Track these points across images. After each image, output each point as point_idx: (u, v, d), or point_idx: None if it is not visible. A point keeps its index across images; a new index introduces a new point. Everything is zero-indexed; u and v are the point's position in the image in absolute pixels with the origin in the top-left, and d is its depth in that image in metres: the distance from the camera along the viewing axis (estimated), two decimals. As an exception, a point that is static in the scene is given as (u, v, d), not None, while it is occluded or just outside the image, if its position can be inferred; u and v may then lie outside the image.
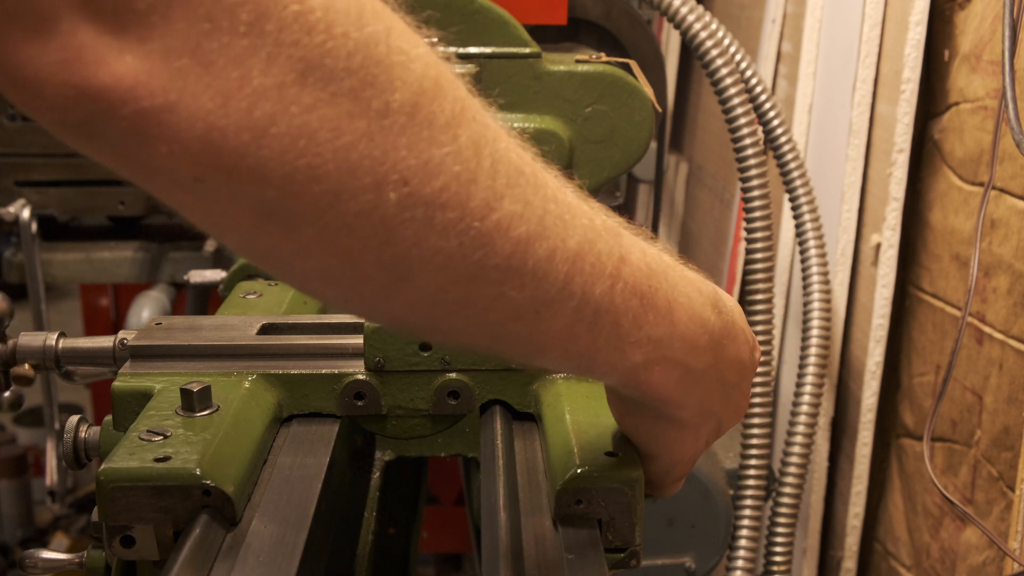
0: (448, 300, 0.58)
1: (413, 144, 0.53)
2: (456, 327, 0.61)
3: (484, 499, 0.82)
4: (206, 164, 0.49)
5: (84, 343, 1.00)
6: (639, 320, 0.64)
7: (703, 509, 1.38)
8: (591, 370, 0.66)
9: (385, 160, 0.52)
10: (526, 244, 0.58)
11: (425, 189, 0.53)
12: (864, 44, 1.61)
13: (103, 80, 0.46)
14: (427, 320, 0.60)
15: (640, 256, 0.65)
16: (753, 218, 1.45)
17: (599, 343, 0.63)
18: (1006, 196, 1.34)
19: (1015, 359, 1.31)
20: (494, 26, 1.23)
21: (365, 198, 0.52)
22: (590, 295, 0.61)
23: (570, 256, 0.60)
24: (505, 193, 0.57)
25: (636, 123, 1.27)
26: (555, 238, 0.59)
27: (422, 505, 1.57)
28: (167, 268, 2.07)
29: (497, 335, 0.62)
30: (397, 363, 0.92)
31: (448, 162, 0.54)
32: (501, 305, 0.59)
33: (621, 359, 0.65)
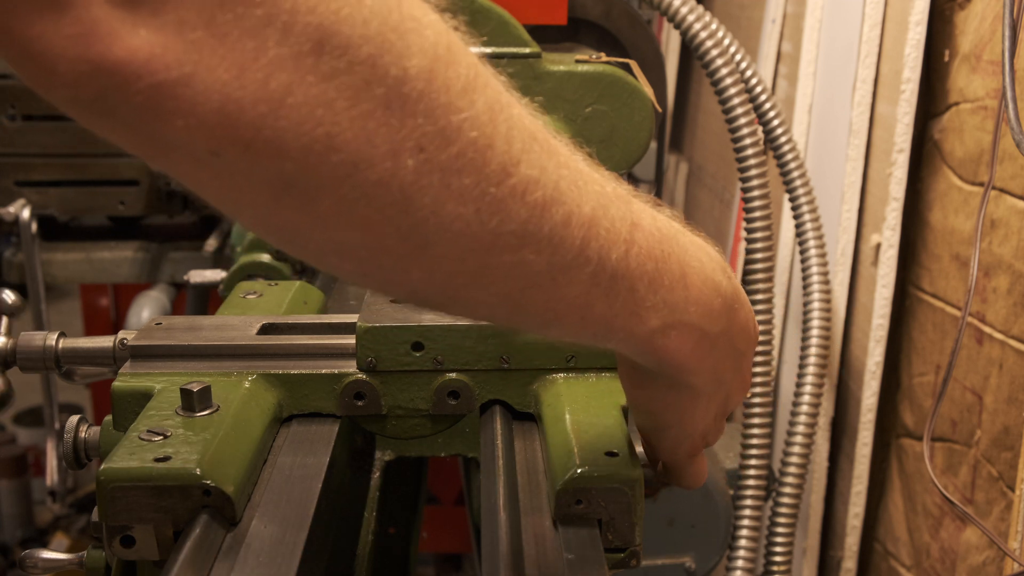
0: (466, 270, 0.58)
1: (430, 110, 0.53)
2: (474, 298, 0.61)
3: (484, 499, 0.82)
4: (223, 137, 0.49)
5: (84, 343, 1.00)
6: (654, 285, 0.64)
7: (703, 509, 1.38)
8: (608, 337, 0.66)
9: (403, 127, 0.52)
10: (542, 209, 0.57)
11: (442, 155, 0.53)
12: (864, 44, 1.61)
13: (117, 54, 0.46)
14: (445, 291, 0.60)
15: (651, 221, 0.65)
16: (753, 218, 1.45)
17: (616, 309, 0.63)
18: (1006, 196, 1.34)
19: (1015, 359, 1.31)
20: (494, 26, 1.23)
21: (383, 166, 0.52)
22: (606, 260, 0.61)
23: (585, 221, 0.60)
24: (521, 158, 0.57)
25: (636, 123, 1.27)
26: (571, 203, 0.59)
27: (422, 505, 1.57)
28: (167, 268, 2.08)
29: (515, 304, 0.61)
30: (389, 363, 0.92)
31: (465, 127, 0.54)
32: (518, 272, 0.59)
33: (638, 324, 0.65)
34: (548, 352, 0.92)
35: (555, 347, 0.92)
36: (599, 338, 0.66)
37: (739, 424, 1.54)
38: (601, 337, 0.66)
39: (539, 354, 0.92)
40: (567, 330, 0.65)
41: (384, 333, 0.92)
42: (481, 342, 0.91)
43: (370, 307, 0.95)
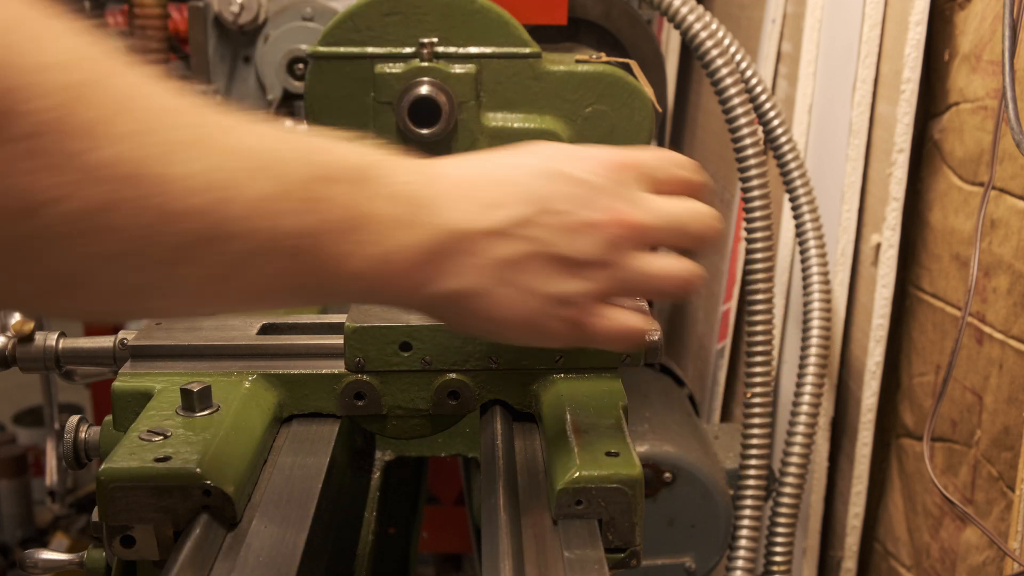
0: (133, 288, 0.59)
1: (54, 166, 0.52)
2: (162, 308, 0.64)
3: (484, 499, 0.82)
4: None
5: (84, 343, 1.00)
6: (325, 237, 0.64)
7: (703, 509, 1.38)
8: (321, 296, 0.69)
9: (30, 185, 0.51)
10: (199, 221, 0.58)
11: (72, 205, 0.53)
12: (864, 44, 1.61)
13: None
14: (118, 311, 0.63)
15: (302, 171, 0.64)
16: (753, 218, 1.45)
17: (302, 277, 0.64)
18: (1006, 196, 1.34)
19: (1015, 359, 1.31)
20: (494, 26, 1.23)
21: (14, 224, 0.52)
22: (283, 232, 0.61)
23: (250, 211, 0.60)
24: (176, 173, 0.57)
25: (636, 123, 1.27)
26: (230, 198, 0.60)
27: (422, 505, 1.57)
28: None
29: (210, 302, 0.63)
30: (377, 363, 0.92)
31: (97, 176, 0.53)
32: (193, 283, 0.60)
33: (341, 277, 0.66)
34: (537, 352, 0.92)
35: (541, 347, 0.92)
36: (315, 299, 0.69)
37: (739, 424, 1.54)
38: (316, 297, 0.69)
39: (527, 354, 0.92)
40: (280, 302, 0.67)
41: (372, 333, 0.91)
42: (469, 342, 0.91)
43: (358, 307, 0.95)
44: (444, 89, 1.20)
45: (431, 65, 1.20)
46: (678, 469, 1.36)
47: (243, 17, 1.89)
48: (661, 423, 1.42)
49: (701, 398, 2.12)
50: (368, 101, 1.24)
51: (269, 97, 1.95)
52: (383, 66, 1.21)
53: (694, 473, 1.37)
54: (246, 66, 1.97)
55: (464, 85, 1.21)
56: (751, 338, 1.47)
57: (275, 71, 1.91)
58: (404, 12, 1.23)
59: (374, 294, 0.72)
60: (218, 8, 1.88)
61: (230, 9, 1.87)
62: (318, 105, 1.25)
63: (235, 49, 1.97)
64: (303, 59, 1.89)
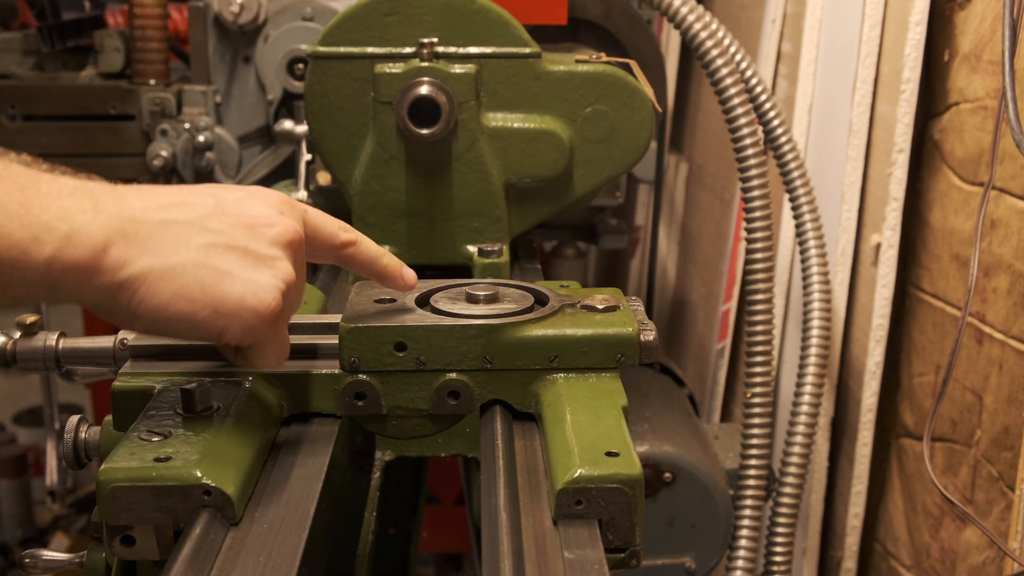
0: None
1: None
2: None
3: (484, 499, 0.82)
4: None
5: (84, 343, 1.00)
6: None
7: (703, 509, 1.38)
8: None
9: None
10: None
11: None
12: (864, 44, 1.61)
13: None
14: None
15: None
16: (753, 218, 1.45)
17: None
18: (1006, 196, 1.34)
19: (1015, 359, 1.31)
20: (494, 26, 1.23)
21: None
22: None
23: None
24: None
25: (636, 123, 1.27)
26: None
27: (422, 505, 1.57)
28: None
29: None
30: (372, 363, 0.92)
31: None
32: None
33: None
34: (530, 352, 0.92)
35: (537, 347, 0.92)
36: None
37: (739, 424, 1.54)
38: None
39: (521, 354, 0.92)
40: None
41: (367, 334, 0.92)
42: (464, 342, 0.91)
43: (353, 307, 0.95)
44: (444, 89, 1.20)
45: (431, 65, 1.20)
46: (678, 469, 1.36)
47: (243, 17, 1.89)
48: (661, 423, 1.42)
49: (701, 398, 2.12)
50: (368, 101, 1.24)
51: (269, 97, 1.95)
52: (383, 66, 1.21)
53: (694, 473, 1.37)
54: (246, 66, 1.97)
55: (464, 85, 1.21)
56: (751, 338, 1.47)
57: (275, 71, 1.91)
58: (404, 12, 1.23)
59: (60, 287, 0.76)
60: (218, 8, 1.88)
61: (230, 9, 1.87)
62: (318, 105, 1.25)
63: (235, 49, 1.97)
64: (303, 59, 1.89)
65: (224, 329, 0.80)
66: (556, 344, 0.92)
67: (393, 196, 1.24)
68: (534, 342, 0.92)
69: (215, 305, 0.79)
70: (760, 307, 1.46)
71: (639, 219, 2.61)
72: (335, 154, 1.27)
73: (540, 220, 1.31)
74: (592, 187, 1.30)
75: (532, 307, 0.97)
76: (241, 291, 0.79)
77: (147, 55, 1.95)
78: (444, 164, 1.23)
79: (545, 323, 0.93)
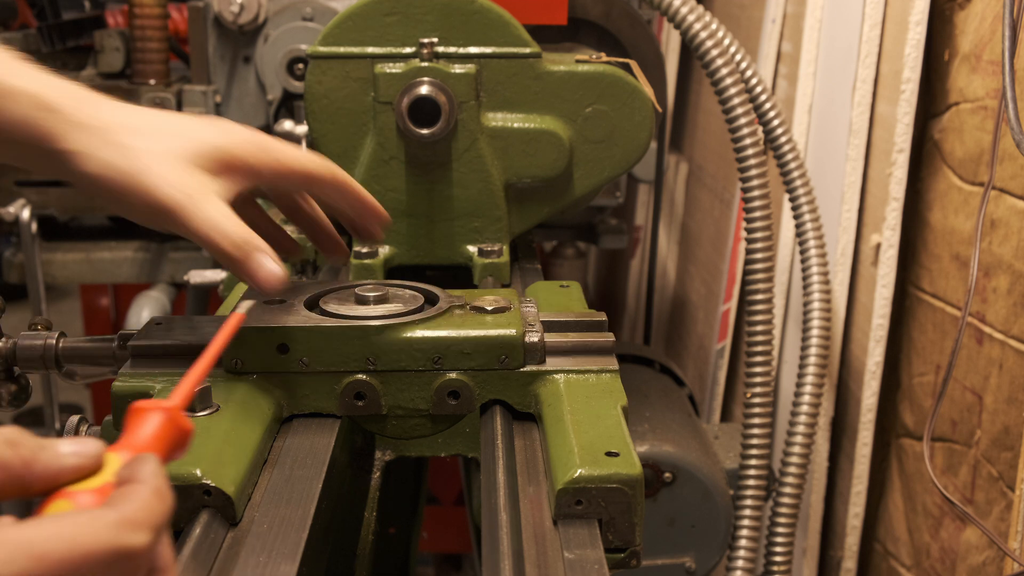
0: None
1: None
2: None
3: (484, 499, 0.82)
4: None
5: (84, 343, 1.00)
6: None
7: (703, 509, 1.38)
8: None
9: None
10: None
11: None
12: (864, 44, 1.61)
13: None
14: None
15: None
16: (753, 218, 1.45)
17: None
18: (1006, 196, 1.34)
19: (1015, 359, 1.31)
20: (494, 26, 1.23)
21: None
22: None
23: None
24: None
25: (636, 123, 1.27)
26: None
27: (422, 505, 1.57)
28: (167, 268, 2.08)
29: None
30: (253, 364, 0.92)
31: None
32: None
33: None
34: (413, 354, 0.92)
35: (419, 349, 0.92)
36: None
37: (739, 424, 1.54)
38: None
39: (404, 356, 0.92)
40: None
41: (249, 335, 0.91)
42: (345, 344, 0.91)
43: (238, 310, 0.95)
44: (444, 89, 1.20)
45: (431, 65, 1.20)
46: (678, 469, 1.36)
47: (243, 17, 1.89)
48: (661, 423, 1.42)
49: (701, 398, 2.12)
50: (368, 101, 1.24)
51: (269, 97, 1.95)
52: (383, 66, 1.21)
53: (694, 473, 1.37)
54: (246, 66, 1.97)
55: (464, 85, 1.21)
56: (751, 338, 1.47)
57: (275, 71, 1.91)
58: (404, 12, 1.23)
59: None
60: (218, 8, 1.88)
61: (230, 9, 1.87)
62: (318, 105, 1.25)
63: (235, 49, 1.97)
64: (303, 59, 1.89)
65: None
66: (438, 345, 0.92)
67: (393, 196, 1.24)
68: (416, 343, 0.92)
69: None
70: (760, 307, 1.46)
71: (639, 219, 2.61)
72: (335, 154, 1.27)
73: (540, 220, 1.31)
74: (592, 187, 1.30)
75: (420, 308, 0.97)
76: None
77: (147, 55, 1.95)
78: (444, 164, 1.23)
79: (428, 324, 0.93)
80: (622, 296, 2.77)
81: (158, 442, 0.59)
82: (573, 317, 1.01)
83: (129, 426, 0.60)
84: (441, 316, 0.95)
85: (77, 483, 0.57)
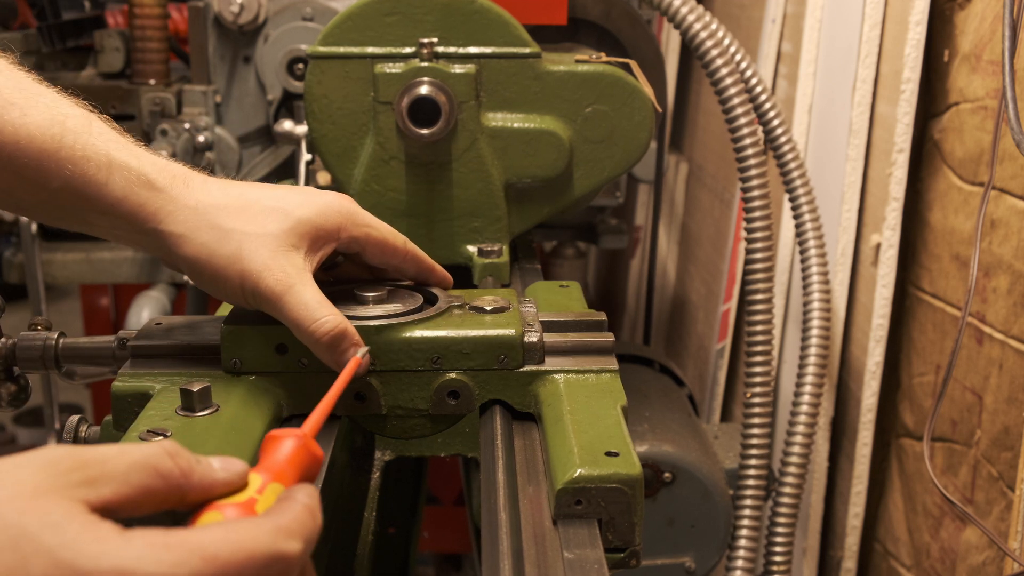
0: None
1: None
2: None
3: (484, 499, 0.82)
4: None
5: (84, 343, 1.00)
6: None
7: (703, 509, 1.38)
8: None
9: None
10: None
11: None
12: (864, 44, 1.61)
13: None
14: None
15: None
16: (753, 218, 1.45)
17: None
18: (1006, 196, 1.34)
19: (1015, 359, 1.31)
20: (494, 26, 1.23)
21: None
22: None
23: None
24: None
25: (636, 123, 1.27)
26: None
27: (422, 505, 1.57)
28: (167, 268, 2.08)
29: None
30: (254, 365, 0.92)
31: None
32: None
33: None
34: (412, 354, 0.92)
35: (419, 349, 0.92)
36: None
37: (739, 424, 1.54)
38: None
39: (403, 356, 0.92)
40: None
41: (248, 335, 0.91)
42: None
43: (238, 310, 0.95)
44: (444, 89, 1.20)
45: (431, 65, 1.20)
46: (678, 469, 1.36)
47: (243, 17, 1.89)
48: (661, 423, 1.42)
49: (701, 398, 2.12)
50: (368, 101, 1.24)
51: (269, 97, 1.95)
52: (383, 66, 1.21)
53: (694, 473, 1.36)
54: (246, 66, 1.97)
55: (464, 85, 1.21)
56: (751, 338, 1.47)
57: (275, 71, 1.91)
58: (404, 12, 1.23)
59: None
60: (218, 8, 1.88)
61: (230, 9, 1.87)
62: (318, 105, 1.25)
63: (235, 49, 1.97)
64: (303, 59, 1.89)
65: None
66: (438, 345, 0.92)
67: (393, 196, 1.24)
68: (416, 343, 0.92)
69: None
70: (760, 307, 1.46)
71: (639, 219, 2.61)
72: (335, 154, 1.27)
73: (540, 220, 1.31)
74: (592, 187, 1.30)
75: (419, 308, 0.97)
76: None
77: (147, 55, 1.95)
78: (444, 164, 1.23)
79: (427, 324, 0.93)
80: (622, 296, 2.77)
81: (292, 466, 0.65)
82: (573, 317, 1.01)
83: (266, 451, 0.66)
84: (440, 316, 0.95)
85: (225, 498, 0.62)
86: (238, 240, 0.87)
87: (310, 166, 1.59)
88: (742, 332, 1.65)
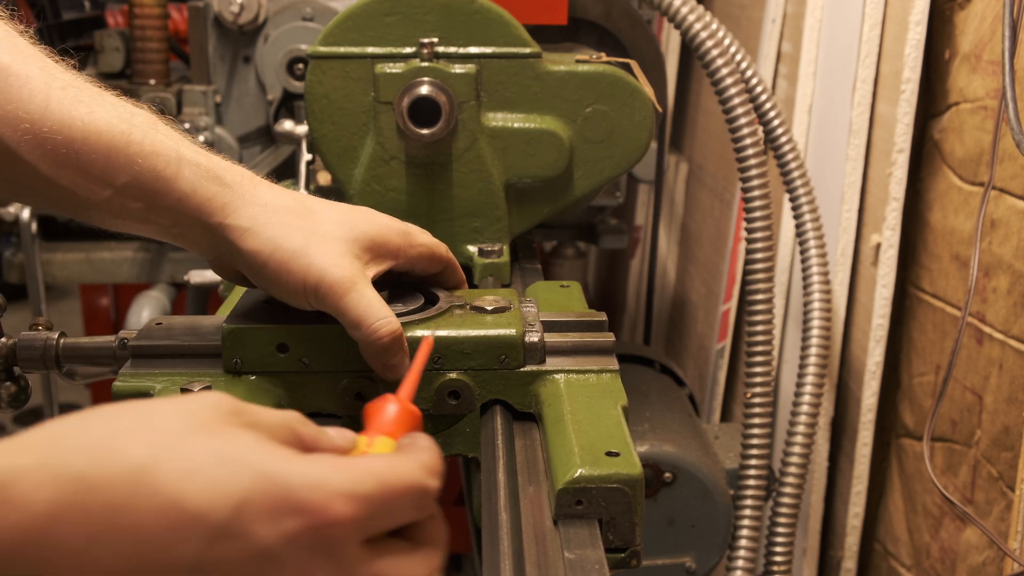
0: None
1: None
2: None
3: (484, 499, 0.82)
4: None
5: (84, 343, 1.00)
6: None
7: (703, 509, 1.38)
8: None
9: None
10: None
11: None
12: (864, 44, 1.61)
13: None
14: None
15: None
16: (753, 218, 1.45)
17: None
18: (1006, 196, 1.34)
19: (1015, 359, 1.31)
20: (494, 26, 1.23)
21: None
22: None
23: None
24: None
25: (636, 123, 1.27)
26: None
27: (422, 505, 1.56)
28: (167, 268, 2.08)
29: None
30: (254, 364, 0.92)
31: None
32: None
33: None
34: (412, 353, 0.91)
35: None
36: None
37: (739, 424, 1.54)
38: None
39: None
40: None
41: (248, 334, 0.91)
42: (346, 344, 0.91)
43: (239, 307, 0.95)
44: (444, 89, 1.20)
45: (431, 65, 1.20)
46: (678, 469, 1.36)
47: (243, 17, 1.89)
48: (661, 423, 1.42)
49: (701, 398, 2.12)
50: (368, 101, 1.24)
51: (269, 97, 1.95)
52: (383, 66, 1.21)
53: (694, 473, 1.36)
54: (246, 66, 1.97)
55: (464, 85, 1.21)
56: (751, 338, 1.47)
57: (275, 71, 1.91)
58: (404, 12, 1.23)
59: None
60: (218, 8, 1.88)
61: (230, 9, 1.87)
62: (318, 105, 1.25)
63: (235, 49, 1.97)
64: (303, 59, 1.89)
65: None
66: (438, 345, 0.92)
67: (393, 196, 1.24)
68: (416, 343, 0.92)
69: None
70: (760, 307, 1.46)
71: (639, 219, 2.61)
72: (335, 154, 1.27)
73: (540, 220, 1.31)
74: (592, 187, 1.30)
75: (420, 308, 0.97)
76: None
77: (147, 55, 1.95)
78: (444, 164, 1.23)
79: (428, 324, 0.93)
80: (622, 296, 2.77)
81: (397, 425, 0.71)
82: (573, 317, 1.01)
83: (371, 416, 0.71)
84: (441, 316, 0.95)
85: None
86: (305, 237, 0.89)
87: (310, 166, 1.59)
88: (742, 332, 1.65)
